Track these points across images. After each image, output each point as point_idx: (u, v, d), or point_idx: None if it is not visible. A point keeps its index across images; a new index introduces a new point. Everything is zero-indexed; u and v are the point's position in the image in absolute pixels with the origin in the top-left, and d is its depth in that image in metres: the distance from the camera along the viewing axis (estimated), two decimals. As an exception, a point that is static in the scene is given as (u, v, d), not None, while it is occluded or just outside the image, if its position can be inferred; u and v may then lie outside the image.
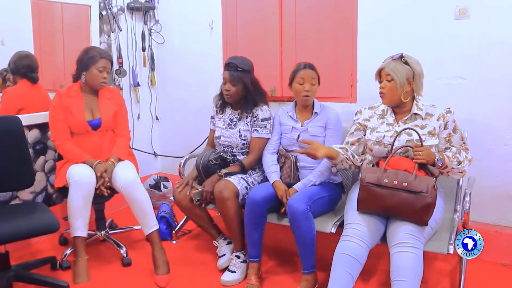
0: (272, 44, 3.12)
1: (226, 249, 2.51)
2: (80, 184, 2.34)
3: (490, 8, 2.38)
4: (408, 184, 1.88)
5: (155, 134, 3.84)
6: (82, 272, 2.36)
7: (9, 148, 2.29)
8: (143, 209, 2.44)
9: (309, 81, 2.37)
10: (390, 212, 1.96)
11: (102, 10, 3.28)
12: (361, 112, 2.28)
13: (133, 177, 2.46)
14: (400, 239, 1.85)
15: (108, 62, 2.57)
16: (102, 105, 2.61)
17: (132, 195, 2.42)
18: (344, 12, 2.82)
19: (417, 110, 2.11)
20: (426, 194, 1.86)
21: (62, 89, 2.61)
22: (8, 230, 2.00)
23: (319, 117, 2.44)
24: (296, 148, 2.44)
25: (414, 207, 1.87)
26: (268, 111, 2.57)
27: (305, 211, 2.13)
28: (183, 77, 3.62)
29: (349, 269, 1.87)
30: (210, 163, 2.49)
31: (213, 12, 3.35)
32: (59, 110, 2.53)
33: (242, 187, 2.40)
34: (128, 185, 2.42)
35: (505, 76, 2.39)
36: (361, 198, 1.98)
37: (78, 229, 2.37)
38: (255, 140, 2.56)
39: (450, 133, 2.08)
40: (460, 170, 2.04)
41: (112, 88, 2.74)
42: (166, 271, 2.41)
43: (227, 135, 2.60)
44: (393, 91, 2.07)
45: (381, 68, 2.12)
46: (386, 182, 1.92)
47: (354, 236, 1.92)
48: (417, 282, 1.81)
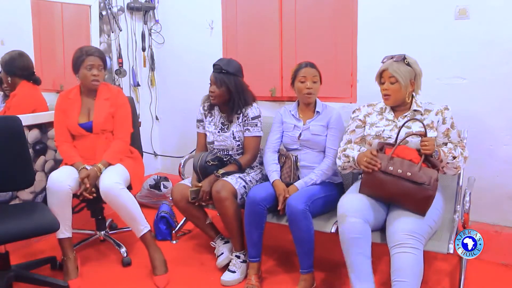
0: (272, 44, 3.12)
1: (224, 248, 2.51)
2: (52, 191, 2.33)
3: (490, 8, 2.38)
4: (412, 175, 1.91)
5: (155, 134, 3.84)
6: (72, 270, 2.37)
7: (9, 148, 2.29)
8: (129, 213, 2.38)
9: (310, 78, 2.38)
10: (391, 199, 1.99)
11: (102, 10, 3.28)
12: (360, 109, 2.29)
13: (111, 183, 2.34)
14: (399, 239, 1.85)
15: (96, 58, 2.52)
16: (97, 106, 2.57)
17: (114, 202, 2.35)
18: (344, 12, 2.82)
19: (416, 107, 2.14)
20: (428, 187, 1.88)
21: (64, 91, 2.61)
22: (8, 230, 2.00)
23: (321, 116, 2.44)
24: (297, 147, 2.45)
25: (415, 198, 1.90)
26: (257, 109, 2.58)
27: (303, 211, 2.14)
28: (183, 77, 3.62)
29: (360, 249, 1.91)
30: (207, 164, 2.48)
31: (213, 12, 3.35)
32: (59, 112, 2.56)
33: (240, 186, 2.40)
34: (107, 191, 2.33)
35: (505, 76, 2.39)
36: (364, 181, 2.02)
37: (59, 232, 2.36)
38: (249, 139, 2.56)
39: (448, 128, 2.09)
40: (454, 166, 2.02)
41: (113, 87, 2.69)
42: (164, 270, 2.39)
43: (220, 139, 2.59)
44: (398, 93, 2.09)
45: (383, 69, 2.11)
46: (391, 170, 1.95)
47: (350, 212, 1.94)
48: (417, 282, 1.82)
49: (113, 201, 2.36)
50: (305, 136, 2.42)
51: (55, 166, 2.87)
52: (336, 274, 2.42)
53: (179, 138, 3.72)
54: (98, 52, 2.57)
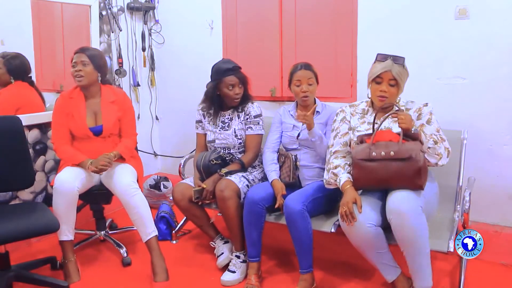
0: (272, 44, 3.12)
1: (224, 248, 2.51)
2: (60, 192, 2.31)
3: (490, 8, 2.38)
4: (395, 153, 1.92)
5: (155, 134, 3.84)
6: (73, 273, 2.37)
7: (9, 148, 2.29)
8: (140, 215, 2.37)
9: (306, 81, 2.37)
10: (385, 184, 1.99)
11: (102, 10, 3.28)
12: (344, 110, 2.27)
13: (129, 182, 2.38)
14: (396, 207, 1.89)
15: (79, 54, 2.46)
16: (105, 109, 2.55)
17: (128, 202, 2.36)
18: (344, 12, 2.82)
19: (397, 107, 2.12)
20: (414, 159, 1.90)
21: (65, 92, 2.57)
22: (8, 230, 2.00)
23: (321, 115, 2.45)
24: (296, 146, 2.45)
25: (406, 174, 1.91)
26: (258, 108, 2.60)
27: (301, 211, 2.14)
28: (183, 77, 3.62)
29: (376, 249, 1.99)
30: (210, 163, 2.49)
31: (213, 12, 3.35)
32: (61, 114, 2.51)
33: (243, 185, 2.41)
34: (124, 190, 2.37)
35: (505, 76, 2.39)
36: (355, 175, 2.03)
37: (63, 234, 2.36)
38: (251, 137, 2.57)
39: (423, 124, 2.07)
40: (436, 152, 1.97)
41: (117, 89, 2.67)
42: (165, 278, 2.35)
43: (222, 137, 2.59)
44: (394, 96, 2.08)
45: (385, 70, 2.04)
46: (374, 155, 1.96)
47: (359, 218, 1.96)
48: (424, 243, 1.91)
49: (127, 201, 2.36)
50: (304, 136, 2.42)
51: (55, 166, 2.87)
52: (336, 274, 2.42)
53: (179, 138, 3.72)
54: (83, 49, 2.51)
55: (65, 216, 2.32)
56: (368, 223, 1.95)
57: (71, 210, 2.36)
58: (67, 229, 2.36)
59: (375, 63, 2.10)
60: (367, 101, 2.25)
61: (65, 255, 2.40)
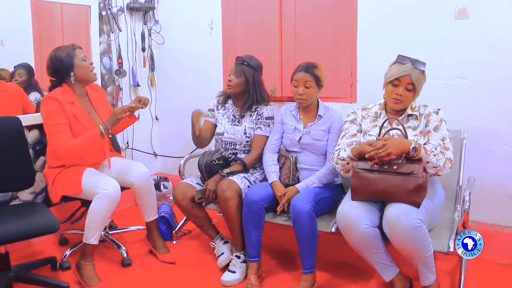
0: (272, 44, 3.12)
1: (224, 248, 2.52)
2: (111, 198, 2.27)
3: (490, 8, 2.38)
4: (398, 167, 1.92)
5: (155, 134, 3.84)
6: (94, 275, 2.33)
7: (9, 148, 2.29)
8: (151, 198, 2.64)
9: (303, 84, 2.34)
10: (384, 197, 1.97)
11: (102, 10, 3.28)
12: (355, 112, 2.25)
13: (147, 170, 2.63)
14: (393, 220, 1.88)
15: (82, 50, 2.46)
16: (99, 108, 2.54)
17: (146, 187, 2.59)
18: (344, 13, 2.82)
19: (411, 111, 2.11)
20: (417, 175, 1.89)
21: (55, 94, 2.36)
22: (8, 231, 2.00)
23: (323, 120, 2.42)
24: (297, 149, 2.44)
25: (406, 188, 1.90)
26: (272, 111, 2.62)
27: (309, 212, 2.14)
28: (183, 77, 3.62)
29: (373, 249, 1.99)
30: (212, 163, 2.50)
31: (213, 12, 3.35)
32: (61, 115, 2.35)
33: (244, 186, 2.41)
34: (145, 174, 2.59)
35: (505, 76, 2.39)
36: (354, 185, 2.01)
37: (92, 238, 2.32)
38: (258, 137, 2.58)
39: (430, 130, 2.06)
40: (434, 165, 1.93)
41: (94, 85, 2.63)
42: (167, 250, 2.66)
43: (231, 132, 2.61)
44: (410, 100, 2.07)
45: (405, 74, 2.00)
46: (376, 167, 1.95)
47: (357, 220, 1.95)
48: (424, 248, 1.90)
49: (145, 186, 2.59)
50: (306, 140, 2.41)
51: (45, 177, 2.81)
52: (337, 274, 2.42)
53: (179, 138, 3.72)
54: (79, 46, 2.49)
55: (105, 221, 2.35)
56: (365, 224, 1.94)
57: (109, 215, 2.37)
58: (99, 232, 2.35)
59: (394, 64, 2.06)
60: (380, 104, 2.22)
61: (87, 258, 2.34)
